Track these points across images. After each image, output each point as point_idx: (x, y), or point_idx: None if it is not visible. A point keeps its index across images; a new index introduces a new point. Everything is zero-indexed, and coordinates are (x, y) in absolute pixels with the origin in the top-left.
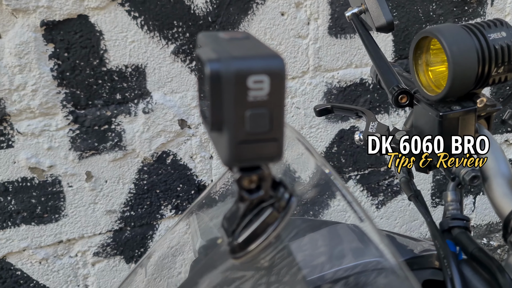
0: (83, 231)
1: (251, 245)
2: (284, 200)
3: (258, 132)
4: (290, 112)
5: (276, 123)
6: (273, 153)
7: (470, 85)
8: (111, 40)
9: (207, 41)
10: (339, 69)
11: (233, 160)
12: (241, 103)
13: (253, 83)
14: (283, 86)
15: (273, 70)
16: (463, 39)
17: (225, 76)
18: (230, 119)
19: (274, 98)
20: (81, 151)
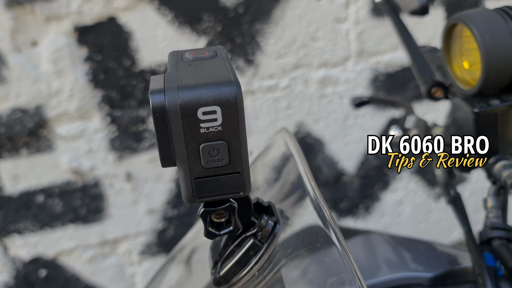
0: (127, 230)
1: (234, 277)
2: (267, 228)
3: (216, 166)
4: (332, 102)
5: (236, 154)
6: (236, 187)
7: (509, 75)
8: (142, 40)
9: (170, 64)
10: (384, 53)
11: (191, 197)
12: (192, 137)
13: (203, 114)
14: (238, 115)
15: (224, 99)
16: (497, 25)
17: (171, 109)
18: (182, 154)
19: (230, 129)
20: (120, 152)
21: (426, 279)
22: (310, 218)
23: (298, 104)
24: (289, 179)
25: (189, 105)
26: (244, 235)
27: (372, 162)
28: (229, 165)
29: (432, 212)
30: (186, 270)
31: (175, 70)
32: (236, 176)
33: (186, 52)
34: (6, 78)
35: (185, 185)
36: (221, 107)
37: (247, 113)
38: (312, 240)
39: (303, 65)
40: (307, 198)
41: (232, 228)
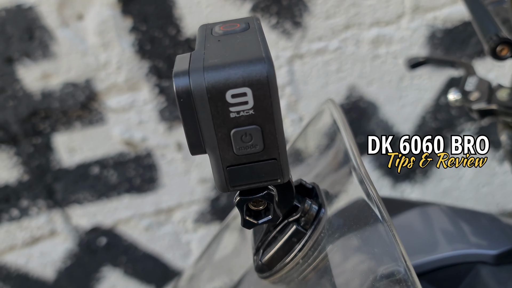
0: (181, 199)
1: (277, 265)
2: (311, 212)
3: (249, 153)
4: (386, 63)
5: (271, 139)
6: (273, 174)
7: None
8: (186, 8)
9: (199, 39)
10: (442, 8)
11: (224, 186)
12: (222, 122)
13: (233, 97)
14: (271, 96)
15: (255, 79)
16: None
17: (197, 93)
18: (212, 141)
19: (263, 112)
20: (170, 122)
21: (490, 257)
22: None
23: (350, 66)
24: (335, 154)
25: (216, 87)
26: (287, 221)
27: (430, 125)
28: (264, 151)
29: (496, 175)
30: (239, 238)
31: (203, 47)
32: (272, 163)
33: (216, 25)
34: (56, 53)
35: (217, 173)
36: (252, 88)
37: (297, 78)
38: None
39: (354, 24)
40: (353, 175)
41: (271, 217)
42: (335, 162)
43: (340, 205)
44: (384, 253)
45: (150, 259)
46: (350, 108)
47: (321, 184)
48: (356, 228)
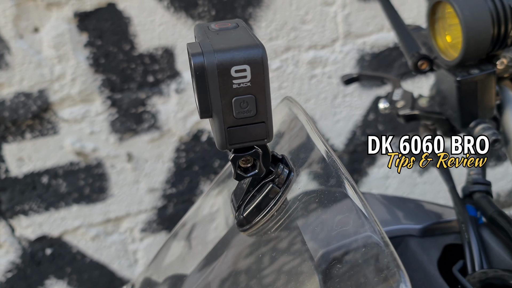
0: (129, 209)
1: (255, 218)
2: (283, 175)
3: (245, 117)
4: (322, 82)
5: (262, 106)
6: (261, 134)
7: (486, 47)
8: (140, 25)
9: (199, 34)
10: (370, 35)
11: (224, 144)
12: (226, 92)
13: (236, 72)
14: (264, 72)
15: (253, 59)
16: (476, 2)
17: (209, 68)
18: (217, 107)
19: (257, 84)
20: (120, 133)
21: (416, 230)
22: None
23: (290, 84)
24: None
25: (224, 64)
26: (264, 181)
27: (360, 138)
28: (256, 116)
29: (417, 185)
30: (187, 245)
31: (206, 37)
32: (261, 125)
33: (210, 24)
34: (9, 64)
35: (219, 133)
36: (250, 66)
37: None
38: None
39: (294, 47)
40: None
41: (257, 171)
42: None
43: (305, 170)
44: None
45: (97, 268)
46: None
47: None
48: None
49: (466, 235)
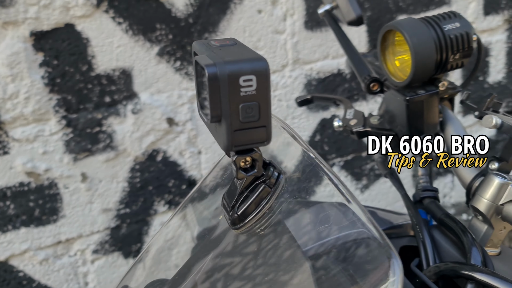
0: (81, 230)
1: (249, 216)
2: (274, 177)
3: (249, 121)
4: (273, 104)
5: (264, 112)
6: (262, 137)
7: (431, 71)
8: (98, 46)
9: (201, 49)
10: (317, 61)
11: (230, 146)
12: (235, 98)
13: (243, 81)
14: (267, 82)
15: (259, 70)
16: (422, 31)
17: (221, 78)
18: (226, 112)
19: (261, 93)
20: (75, 153)
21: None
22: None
23: None
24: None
25: (234, 74)
26: (256, 183)
27: None
28: (258, 121)
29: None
30: (152, 270)
31: (212, 52)
32: (263, 129)
33: (210, 41)
34: None
35: (226, 136)
36: (256, 76)
37: (197, 115)
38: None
39: None
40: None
41: (257, 171)
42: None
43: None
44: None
45: None
46: None
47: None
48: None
49: (420, 235)
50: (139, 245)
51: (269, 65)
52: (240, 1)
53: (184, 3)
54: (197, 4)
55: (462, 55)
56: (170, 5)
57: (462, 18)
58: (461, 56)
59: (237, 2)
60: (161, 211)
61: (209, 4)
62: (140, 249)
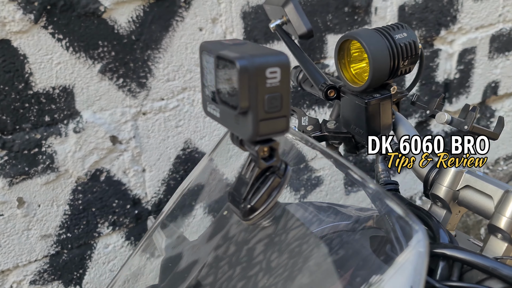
0: (17, 260)
1: (261, 206)
2: (282, 169)
3: (272, 111)
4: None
5: (285, 103)
6: (283, 127)
7: (385, 76)
8: (36, 63)
9: (215, 47)
10: None
11: (255, 135)
12: (261, 89)
13: (269, 73)
14: (289, 75)
15: (283, 63)
16: (377, 40)
17: (251, 69)
18: (254, 102)
19: (284, 84)
20: (11, 177)
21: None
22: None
23: (186, 122)
24: None
25: (262, 66)
26: (266, 174)
27: None
28: (280, 111)
29: None
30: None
31: (229, 49)
32: (283, 119)
33: (220, 40)
34: None
35: (252, 126)
36: (281, 69)
37: (140, 132)
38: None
39: (189, 87)
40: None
41: (276, 159)
42: None
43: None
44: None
45: None
46: (186, 159)
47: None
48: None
49: (390, 224)
50: (81, 272)
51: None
52: (182, 19)
53: (126, 20)
54: (139, 21)
55: (410, 61)
56: (112, 22)
57: (408, 28)
58: (409, 63)
59: (179, 19)
60: (105, 233)
61: (151, 21)
62: (81, 276)
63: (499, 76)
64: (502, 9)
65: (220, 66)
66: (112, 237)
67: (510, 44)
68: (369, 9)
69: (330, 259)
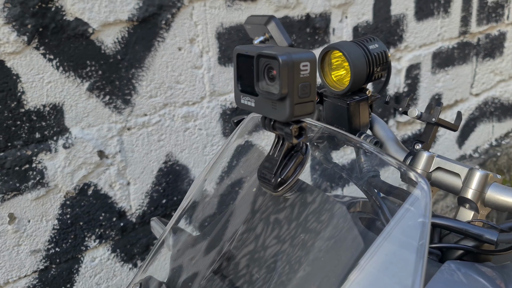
0: (7, 276)
1: (289, 179)
2: (304, 148)
3: (304, 97)
4: (193, 133)
5: (313, 91)
6: (311, 109)
7: (363, 81)
8: (27, 82)
9: (251, 49)
10: (230, 93)
11: (291, 116)
12: (297, 79)
13: (302, 66)
14: (316, 68)
15: (312, 59)
16: (356, 50)
17: (290, 63)
18: (291, 89)
19: (312, 75)
20: (2, 193)
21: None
22: None
23: (167, 136)
24: None
25: (297, 61)
26: (291, 153)
27: None
28: (309, 97)
29: None
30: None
31: (265, 48)
32: (311, 103)
33: (253, 43)
34: None
35: (289, 109)
36: (310, 63)
37: (126, 147)
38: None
39: (170, 103)
40: None
41: (305, 137)
42: None
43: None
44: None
45: None
46: (167, 171)
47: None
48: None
49: (377, 203)
50: (69, 286)
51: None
52: (163, 39)
53: (112, 41)
54: (124, 42)
55: (382, 68)
56: (100, 43)
57: (379, 41)
58: (381, 69)
59: (160, 40)
60: (92, 246)
61: (135, 42)
62: None
63: (441, 89)
64: (440, 29)
65: (261, 62)
66: (99, 250)
67: (449, 60)
68: (327, 30)
69: (350, 217)
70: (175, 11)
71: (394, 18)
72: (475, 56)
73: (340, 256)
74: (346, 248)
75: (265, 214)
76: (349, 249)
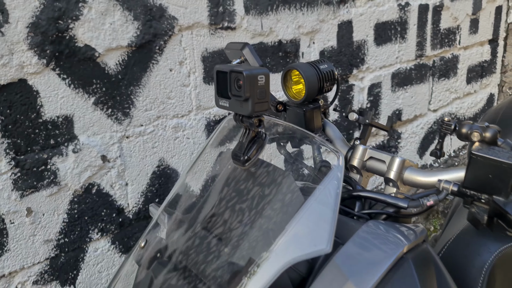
0: (23, 262)
1: (253, 157)
2: (263, 136)
3: (261, 98)
4: (182, 141)
5: (267, 94)
6: (266, 107)
7: (315, 93)
8: (45, 97)
9: (226, 67)
10: (214, 107)
11: (253, 112)
12: (256, 87)
13: (259, 78)
14: (269, 79)
15: (267, 73)
16: (310, 69)
17: (251, 76)
18: (253, 93)
19: (266, 84)
20: (22, 190)
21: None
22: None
23: (160, 144)
24: None
25: (256, 74)
26: (254, 139)
27: None
28: (265, 98)
29: None
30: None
31: (237, 66)
32: (266, 103)
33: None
34: None
35: (251, 107)
36: (265, 76)
37: (125, 152)
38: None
39: (163, 115)
40: None
41: (263, 126)
42: None
43: None
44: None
45: None
46: (160, 174)
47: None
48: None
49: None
50: (75, 272)
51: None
52: (157, 62)
53: (114, 63)
54: (124, 64)
55: (330, 83)
56: (104, 64)
57: (328, 62)
58: (330, 84)
59: (154, 62)
60: (95, 238)
61: (133, 64)
62: (76, 276)
63: (401, 105)
64: (398, 53)
65: (232, 76)
66: (101, 242)
67: (407, 80)
68: (297, 53)
69: (294, 181)
70: (167, 38)
71: (356, 43)
72: (431, 76)
73: (286, 207)
74: (290, 202)
75: (238, 183)
76: (292, 202)
